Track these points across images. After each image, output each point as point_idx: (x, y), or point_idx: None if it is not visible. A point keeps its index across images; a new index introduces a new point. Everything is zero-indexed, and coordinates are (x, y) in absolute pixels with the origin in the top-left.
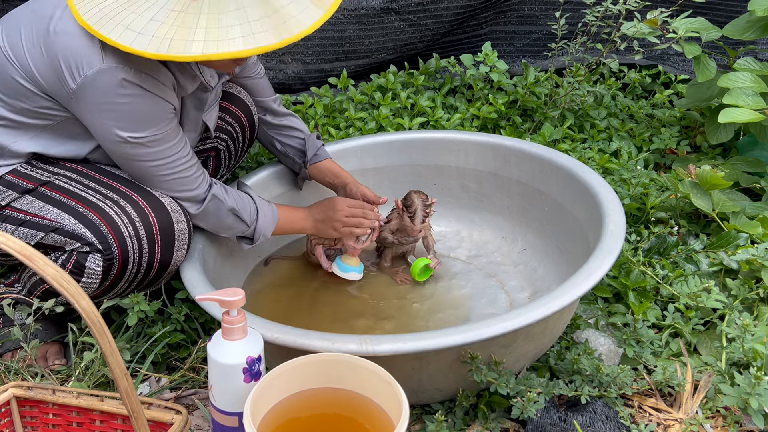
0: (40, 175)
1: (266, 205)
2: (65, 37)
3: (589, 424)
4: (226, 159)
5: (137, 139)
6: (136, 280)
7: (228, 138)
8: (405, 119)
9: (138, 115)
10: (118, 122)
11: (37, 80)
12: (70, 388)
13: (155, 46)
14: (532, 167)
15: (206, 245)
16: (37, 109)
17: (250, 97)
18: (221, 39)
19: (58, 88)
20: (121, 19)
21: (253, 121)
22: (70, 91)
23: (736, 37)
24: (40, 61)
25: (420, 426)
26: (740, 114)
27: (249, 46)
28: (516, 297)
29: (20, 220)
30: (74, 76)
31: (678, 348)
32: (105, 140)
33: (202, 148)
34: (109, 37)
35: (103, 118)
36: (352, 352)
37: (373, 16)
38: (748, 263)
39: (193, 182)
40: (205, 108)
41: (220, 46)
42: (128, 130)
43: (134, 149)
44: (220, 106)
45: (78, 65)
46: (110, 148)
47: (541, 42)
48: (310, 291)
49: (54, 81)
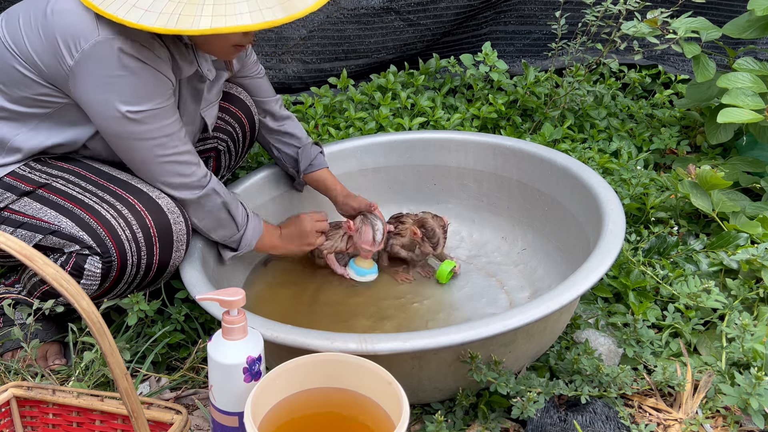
0: (38, 177)
1: (253, 215)
2: (61, 15)
3: (589, 424)
4: (227, 160)
5: (136, 113)
6: (136, 281)
7: (228, 138)
8: (405, 119)
9: (136, 88)
10: (116, 95)
11: (37, 65)
12: (70, 388)
13: (163, 21)
14: (532, 167)
15: (206, 245)
16: (36, 96)
17: (250, 97)
18: (229, 14)
19: (57, 70)
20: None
21: (254, 122)
22: (68, 70)
23: (736, 36)
24: (39, 44)
25: (420, 426)
26: (739, 114)
27: (256, 20)
28: (516, 297)
29: (18, 222)
30: (72, 52)
31: (678, 348)
32: (104, 118)
33: (202, 148)
34: (116, 15)
35: (102, 92)
36: (352, 351)
37: (372, 16)
38: (748, 263)
39: (189, 167)
40: (202, 100)
41: (228, 21)
42: (127, 104)
43: (133, 126)
44: (220, 106)
45: (75, 40)
46: (109, 127)
47: (541, 42)
48: (310, 291)
49: (53, 63)
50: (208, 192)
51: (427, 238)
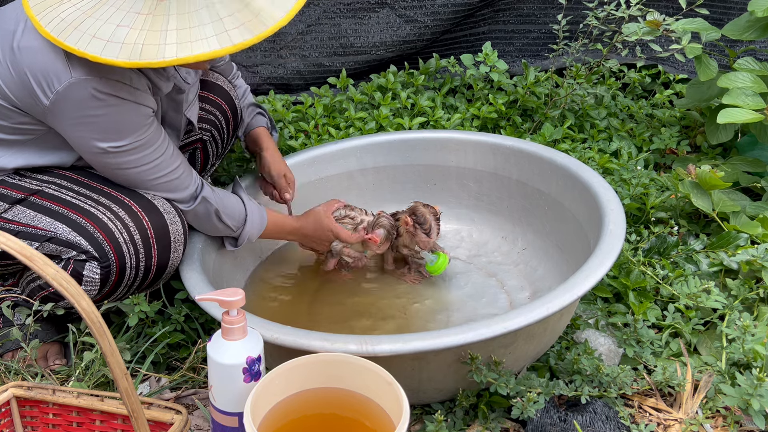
0: (29, 184)
1: (256, 209)
2: (29, 54)
3: (589, 424)
4: (214, 148)
5: (118, 148)
6: (135, 283)
7: (211, 127)
8: (405, 119)
9: (115, 124)
10: (96, 134)
11: (10, 98)
12: (70, 388)
13: (126, 53)
14: (532, 167)
15: (206, 245)
16: (17, 125)
17: (228, 82)
18: (194, 39)
19: (32, 105)
20: (86, 28)
21: (235, 106)
22: (45, 108)
23: (736, 37)
24: (10, 79)
25: (420, 426)
26: (739, 114)
27: (224, 44)
28: (516, 297)
29: (13, 232)
30: (46, 92)
31: (678, 348)
32: (86, 152)
33: (186, 141)
34: (77, 48)
35: (81, 131)
36: (352, 352)
37: (368, 10)
38: (748, 263)
39: (181, 183)
40: (183, 109)
41: (194, 48)
42: (108, 141)
43: (117, 158)
44: (199, 96)
45: (48, 81)
46: (92, 159)
47: (541, 41)
48: (310, 291)
49: (27, 98)
50: (200, 202)
51: (419, 224)
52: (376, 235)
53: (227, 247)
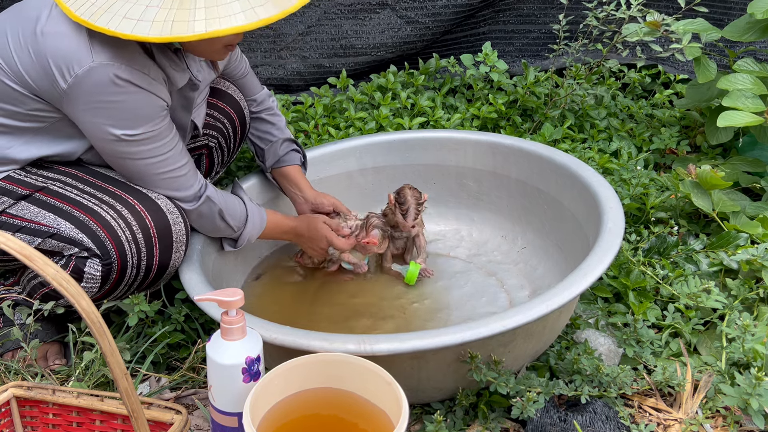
0: (34, 180)
1: (256, 210)
2: (53, 38)
3: (589, 424)
4: (219, 156)
5: (131, 136)
6: (136, 282)
7: (219, 135)
8: (405, 119)
9: (131, 112)
10: (111, 120)
11: (28, 83)
12: (70, 388)
13: (157, 30)
14: (531, 166)
15: (205, 246)
16: (30, 111)
17: (238, 91)
18: (222, 15)
19: (50, 90)
20: (117, 10)
21: (244, 116)
22: (62, 92)
23: (736, 39)
24: (30, 64)
25: (420, 426)
26: (739, 117)
27: (250, 19)
28: (516, 296)
29: (17, 227)
30: (65, 76)
31: (678, 348)
32: (98, 139)
33: (193, 146)
34: (108, 28)
35: (96, 116)
36: (351, 351)
37: (368, 12)
38: (748, 263)
39: (186, 181)
40: (192, 108)
41: (223, 23)
42: (122, 128)
43: (128, 147)
44: (209, 102)
45: (68, 65)
46: (104, 147)
47: (540, 41)
48: (310, 291)
49: (45, 83)
50: (204, 202)
51: (398, 203)
52: (373, 237)
53: (226, 248)
